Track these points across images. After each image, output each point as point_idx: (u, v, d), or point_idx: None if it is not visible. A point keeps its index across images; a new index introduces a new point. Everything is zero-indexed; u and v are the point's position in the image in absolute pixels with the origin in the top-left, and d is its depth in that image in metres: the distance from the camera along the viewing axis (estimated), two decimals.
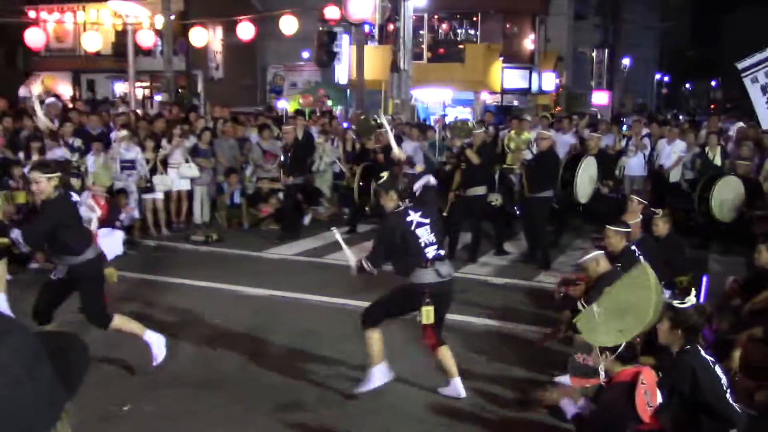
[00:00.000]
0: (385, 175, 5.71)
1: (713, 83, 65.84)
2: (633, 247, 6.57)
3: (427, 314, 5.27)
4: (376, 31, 24.73)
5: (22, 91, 17.55)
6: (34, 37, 18.64)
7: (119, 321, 5.78)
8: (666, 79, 56.04)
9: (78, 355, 0.90)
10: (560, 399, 4.34)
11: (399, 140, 12.20)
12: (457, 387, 5.52)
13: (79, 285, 5.62)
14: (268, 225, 12.21)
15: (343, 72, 26.32)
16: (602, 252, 6.02)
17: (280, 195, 12.07)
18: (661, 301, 4.16)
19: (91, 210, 8.24)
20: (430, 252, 5.32)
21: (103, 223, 8.76)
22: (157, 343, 5.87)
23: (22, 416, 0.74)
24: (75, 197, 5.73)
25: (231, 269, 9.49)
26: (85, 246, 5.59)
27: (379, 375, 5.50)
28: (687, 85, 65.55)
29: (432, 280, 5.30)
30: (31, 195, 8.52)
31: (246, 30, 19.12)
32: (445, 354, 5.51)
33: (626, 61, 36.73)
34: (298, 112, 14.01)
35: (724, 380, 4.18)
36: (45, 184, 5.29)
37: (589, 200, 10.34)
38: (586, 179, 10.09)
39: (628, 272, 4.38)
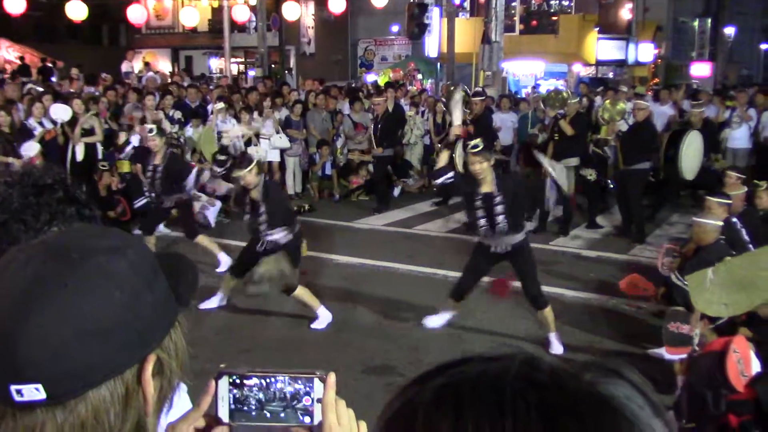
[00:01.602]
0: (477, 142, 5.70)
1: None
2: (735, 219, 6.32)
3: None
4: (467, 3, 24.41)
5: (124, 67, 18.27)
6: (136, 14, 19.32)
7: (301, 291, 6.35)
8: None
9: (188, 272, 0.98)
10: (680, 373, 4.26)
11: (490, 112, 12.08)
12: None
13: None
14: (358, 196, 12.36)
15: (433, 45, 26.12)
16: (720, 223, 5.71)
17: (371, 167, 12.18)
18: None
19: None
20: None
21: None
22: (323, 318, 6.37)
23: (142, 322, 0.83)
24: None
25: (322, 238, 9.65)
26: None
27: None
28: None
29: None
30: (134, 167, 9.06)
31: (337, 3, 19.22)
32: None
33: (730, 30, 34.83)
34: (389, 85, 14.01)
35: None
36: (250, 177, 6.06)
37: (696, 175, 9.90)
38: (691, 154, 9.67)
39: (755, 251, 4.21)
